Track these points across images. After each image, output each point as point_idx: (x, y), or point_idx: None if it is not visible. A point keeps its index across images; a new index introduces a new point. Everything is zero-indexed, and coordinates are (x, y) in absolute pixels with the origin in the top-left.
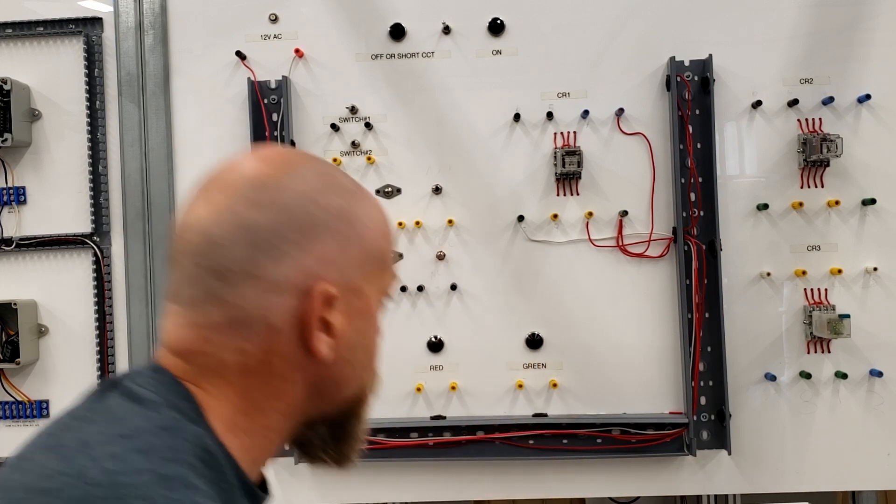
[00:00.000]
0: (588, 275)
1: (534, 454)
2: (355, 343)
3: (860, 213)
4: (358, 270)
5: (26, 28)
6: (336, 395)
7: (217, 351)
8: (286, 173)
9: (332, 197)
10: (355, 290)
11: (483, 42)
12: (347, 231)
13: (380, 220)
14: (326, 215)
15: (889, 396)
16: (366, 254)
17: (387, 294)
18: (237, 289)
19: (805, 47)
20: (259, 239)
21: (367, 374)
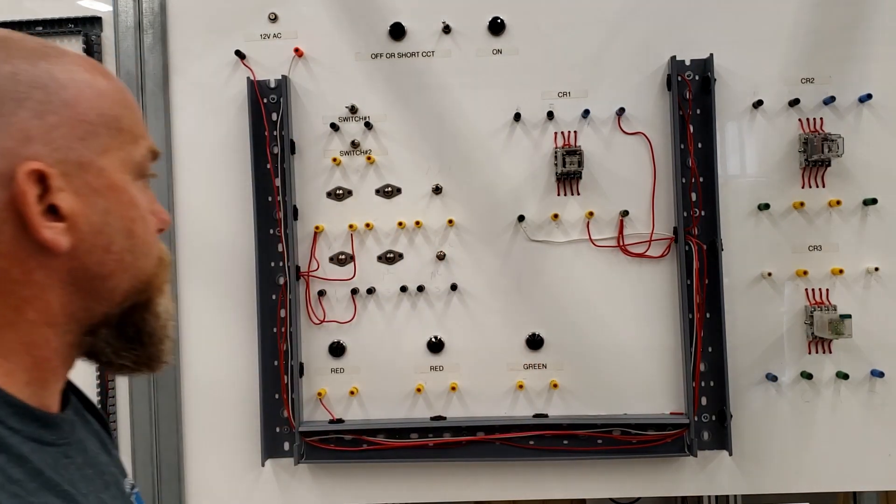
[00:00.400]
0: (589, 275)
1: (534, 455)
2: (104, 225)
3: (861, 213)
4: (79, 142)
5: (26, 28)
6: (104, 289)
7: None
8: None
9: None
10: (83, 164)
11: (483, 42)
12: (46, 98)
13: (91, 82)
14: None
15: (890, 397)
16: (84, 122)
17: (143, 171)
18: None
19: (806, 47)
20: None
21: (138, 259)
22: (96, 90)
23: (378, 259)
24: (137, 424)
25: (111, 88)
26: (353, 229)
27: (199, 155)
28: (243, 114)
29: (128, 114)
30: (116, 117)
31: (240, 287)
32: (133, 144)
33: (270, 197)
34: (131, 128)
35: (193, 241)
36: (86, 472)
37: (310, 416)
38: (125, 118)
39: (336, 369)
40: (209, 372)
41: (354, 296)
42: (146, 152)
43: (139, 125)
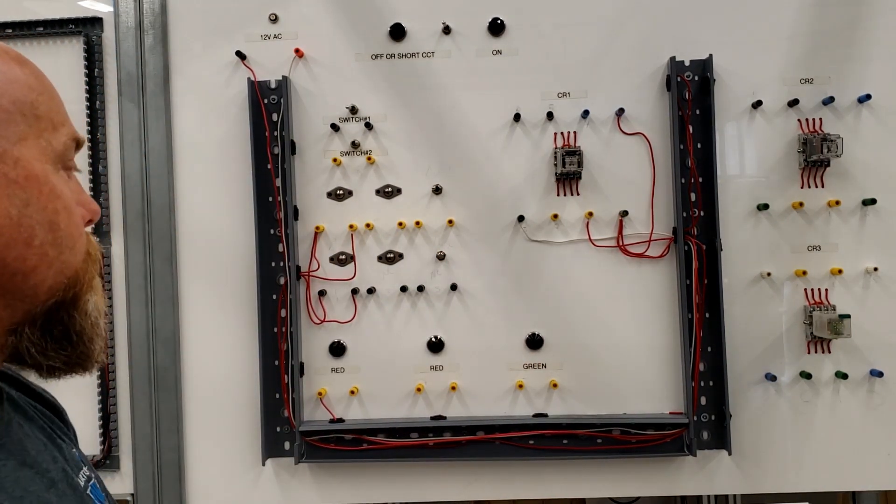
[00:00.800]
0: (588, 275)
1: (534, 454)
2: (23, 218)
3: (860, 213)
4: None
5: (26, 28)
6: (26, 286)
7: None
8: None
9: None
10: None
11: (483, 42)
12: None
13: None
14: None
15: (889, 396)
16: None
17: (66, 160)
18: None
19: (805, 47)
20: None
21: (63, 252)
22: (8, 77)
23: (378, 259)
24: (138, 424)
25: (25, 75)
26: (354, 229)
27: (200, 155)
28: (244, 114)
29: (44, 100)
30: (32, 104)
31: (240, 287)
32: (52, 132)
33: (271, 197)
34: (49, 115)
35: (194, 241)
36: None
37: (310, 416)
38: (42, 104)
39: (336, 369)
40: (209, 372)
41: (355, 296)
42: (68, 140)
43: (59, 112)
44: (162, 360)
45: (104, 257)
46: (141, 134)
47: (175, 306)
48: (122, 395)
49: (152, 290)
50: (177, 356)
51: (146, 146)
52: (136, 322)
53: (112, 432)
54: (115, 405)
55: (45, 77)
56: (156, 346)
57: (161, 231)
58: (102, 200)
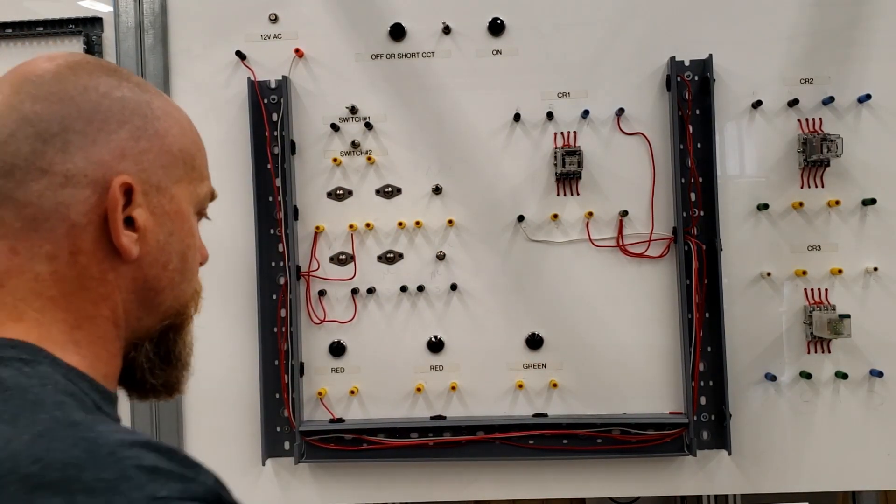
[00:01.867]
0: (588, 275)
1: (534, 454)
2: (166, 245)
3: (860, 213)
4: (161, 170)
5: (26, 28)
6: (154, 302)
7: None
8: (69, 68)
9: (122, 90)
10: (160, 189)
11: (483, 42)
12: (143, 125)
13: (182, 121)
14: (118, 107)
15: (889, 396)
16: (168, 153)
17: (202, 208)
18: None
19: (805, 47)
20: (44, 131)
21: (183, 282)
22: (182, 129)
23: (378, 259)
24: (138, 424)
25: (192, 131)
26: (354, 229)
27: None
28: (244, 114)
29: (200, 156)
30: (192, 156)
31: (240, 287)
32: (200, 182)
33: (271, 197)
34: (200, 168)
35: None
36: None
37: (310, 416)
38: (198, 159)
39: (336, 369)
40: (209, 371)
41: (355, 296)
42: (208, 192)
43: (207, 169)
44: None
45: None
46: None
47: None
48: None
49: None
50: None
51: None
52: None
53: None
54: None
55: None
56: None
57: None
58: None
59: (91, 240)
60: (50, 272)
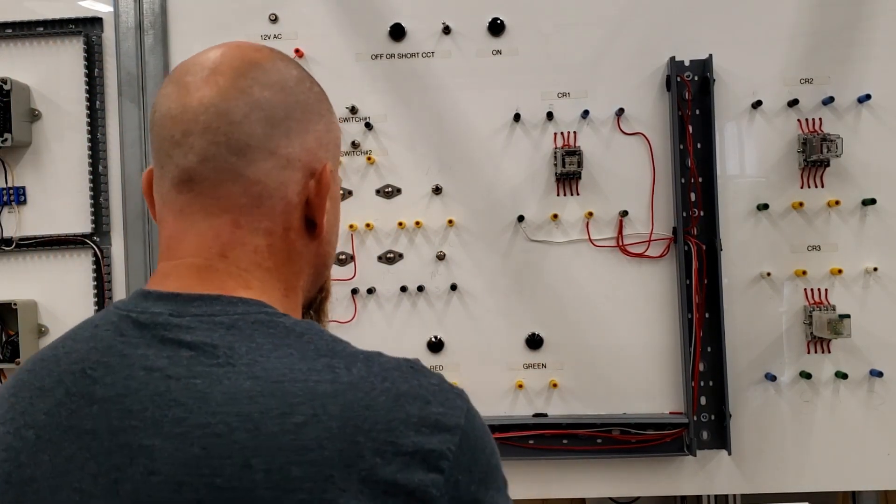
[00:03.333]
0: (588, 275)
1: (534, 454)
2: (333, 224)
3: (860, 213)
4: (335, 158)
5: (26, 28)
6: (321, 274)
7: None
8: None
9: (316, 86)
10: (335, 174)
11: (483, 42)
12: (330, 118)
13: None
14: (315, 99)
15: (889, 396)
16: (337, 142)
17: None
18: (256, 164)
19: (805, 47)
20: (273, 116)
21: (332, 257)
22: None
23: (378, 259)
24: None
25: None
26: (354, 229)
27: None
28: None
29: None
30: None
31: None
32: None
33: None
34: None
35: None
36: None
37: None
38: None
39: None
40: None
41: (354, 296)
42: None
43: None
44: None
45: (104, 257)
46: (141, 134)
47: None
48: None
49: None
50: None
51: (146, 146)
52: None
53: None
54: None
55: None
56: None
57: None
58: (102, 200)
59: (298, 218)
60: (267, 245)
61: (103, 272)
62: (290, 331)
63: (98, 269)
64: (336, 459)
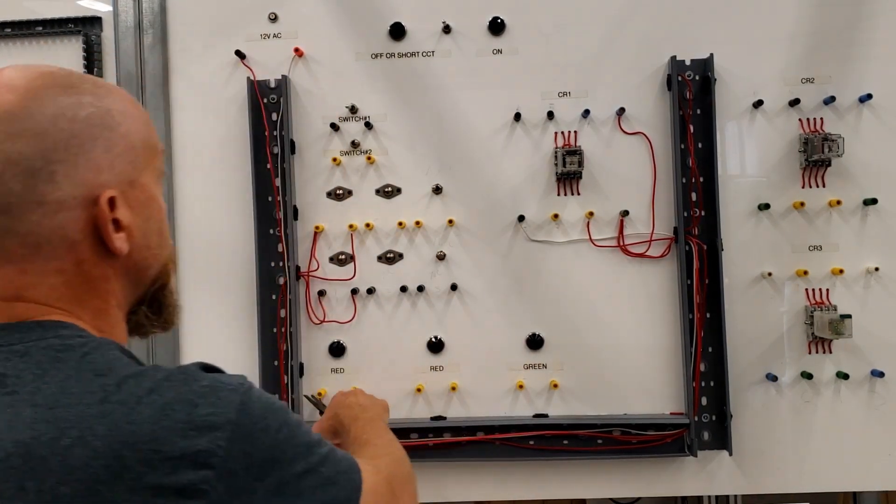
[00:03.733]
0: (589, 275)
1: (534, 455)
2: (147, 229)
3: (861, 213)
4: (129, 166)
5: (25, 28)
6: (146, 277)
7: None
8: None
9: (85, 108)
10: (132, 183)
11: (483, 41)
12: (111, 136)
13: (135, 112)
14: (87, 127)
15: (890, 397)
16: (133, 148)
17: (160, 171)
18: (25, 217)
19: (806, 47)
20: (30, 168)
21: (164, 249)
22: (137, 120)
23: (378, 259)
24: None
25: (142, 114)
26: (353, 229)
27: (200, 155)
28: (243, 114)
29: (153, 132)
30: (148, 137)
31: (240, 287)
32: (158, 156)
33: (270, 197)
34: (155, 143)
35: (193, 240)
36: None
37: (310, 417)
38: (152, 136)
39: (336, 369)
40: None
41: (354, 296)
42: (162, 156)
43: (156, 136)
44: (162, 360)
45: None
46: None
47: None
48: None
49: None
50: (177, 356)
51: None
52: None
53: None
54: None
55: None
56: (156, 346)
57: None
58: None
59: (89, 249)
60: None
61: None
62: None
63: None
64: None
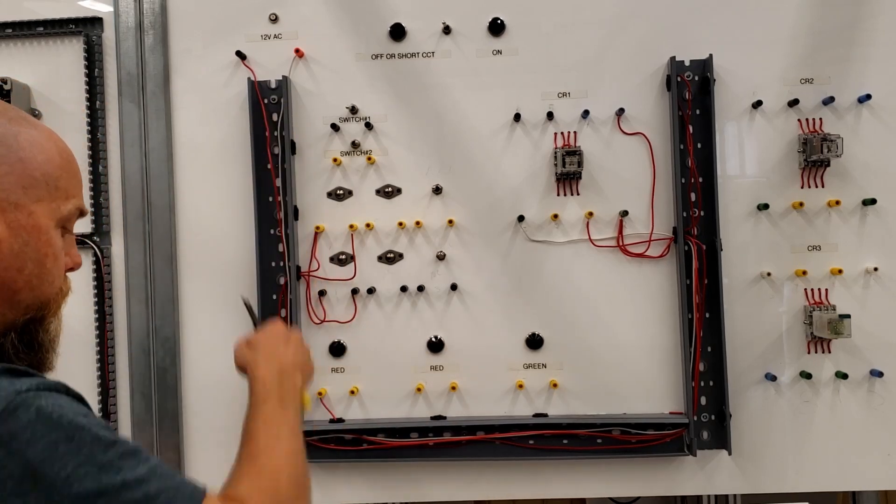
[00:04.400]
0: (588, 275)
1: (534, 454)
2: (21, 253)
3: (860, 213)
4: (20, 189)
5: (26, 28)
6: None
7: None
8: None
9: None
10: (18, 205)
11: (483, 42)
12: (6, 153)
13: (49, 150)
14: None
15: (889, 396)
16: (30, 176)
17: (66, 223)
18: None
19: (805, 47)
20: None
21: (43, 284)
22: (47, 156)
23: (378, 259)
24: (137, 424)
25: (60, 158)
26: (354, 229)
27: (200, 155)
28: (244, 114)
29: (66, 177)
30: (56, 178)
31: (240, 287)
32: (64, 201)
33: (271, 197)
34: (66, 188)
35: (194, 241)
36: None
37: (310, 416)
38: (62, 180)
39: (336, 369)
40: (209, 372)
41: (355, 296)
42: (73, 209)
43: (75, 188)
44: (162, 360)
45: (104, 257)
46: (141, 134)
47: (175, 306)
48: (122, 394)
49: (152, 290)
50: (177, 356)
51: (146, 146)
52: (136, 322)
53: None
54: (115, 405)
55: (74, 160)
56: (156, 346)
57: (161, 231)
58: (102, 200)
59: None
60: None
61: (103, 272)
62: None
63: (98, 269)
64: None
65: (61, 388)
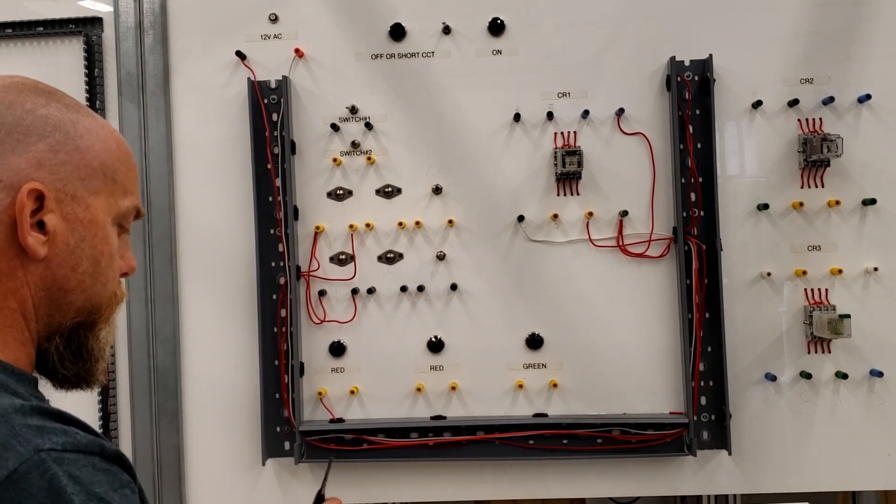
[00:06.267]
0: (588, 275)
1: (534, 454)
2: (77, 249)
3: (860, 213)
4: (78, 180)
5: (26, 28)
6: (64, 301)
7: None
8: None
9: (49, 109)
10: (76, 198)
11: (483, 42)
12: (64, 140)
13: (108, 140)
14: (40, 123)
15: (889, 396)
16: (88, 166)
17: (123, 221)
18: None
19: (805, 47)
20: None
21: (96, 285)
22: (106, 146)
23: (378, 259)
24: (138, 424)
25: (118, 150)
26: (354, 229)
27: (200, 155)
28: (244, 114)
29: (125, 171)
30: (115, 171)
31: (240, 287)
32: (122, 196)
33: (271, 197)
34: (124, 183)
35: (194, 241)
36: None
37: (310, 416)
38: (120, 173)
39: (336, 369)
40: (209, 372)
41: (355, 296)
42: (131, 207)
43: (132, 184)
44: (162, 360)
45: None
46: (141, 134)
47: (175, 306)
48: (122, 395)
49: (152, 290)
50: (177, 356)
51: (146, 146)
52: (136, 322)
53: (112, 432)
54: (115, 405)
55: (132, 156)
56: (156, 346)
57: (161, 231)
58: None
59: (2, 238)
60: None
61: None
62: None
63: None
64: None
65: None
